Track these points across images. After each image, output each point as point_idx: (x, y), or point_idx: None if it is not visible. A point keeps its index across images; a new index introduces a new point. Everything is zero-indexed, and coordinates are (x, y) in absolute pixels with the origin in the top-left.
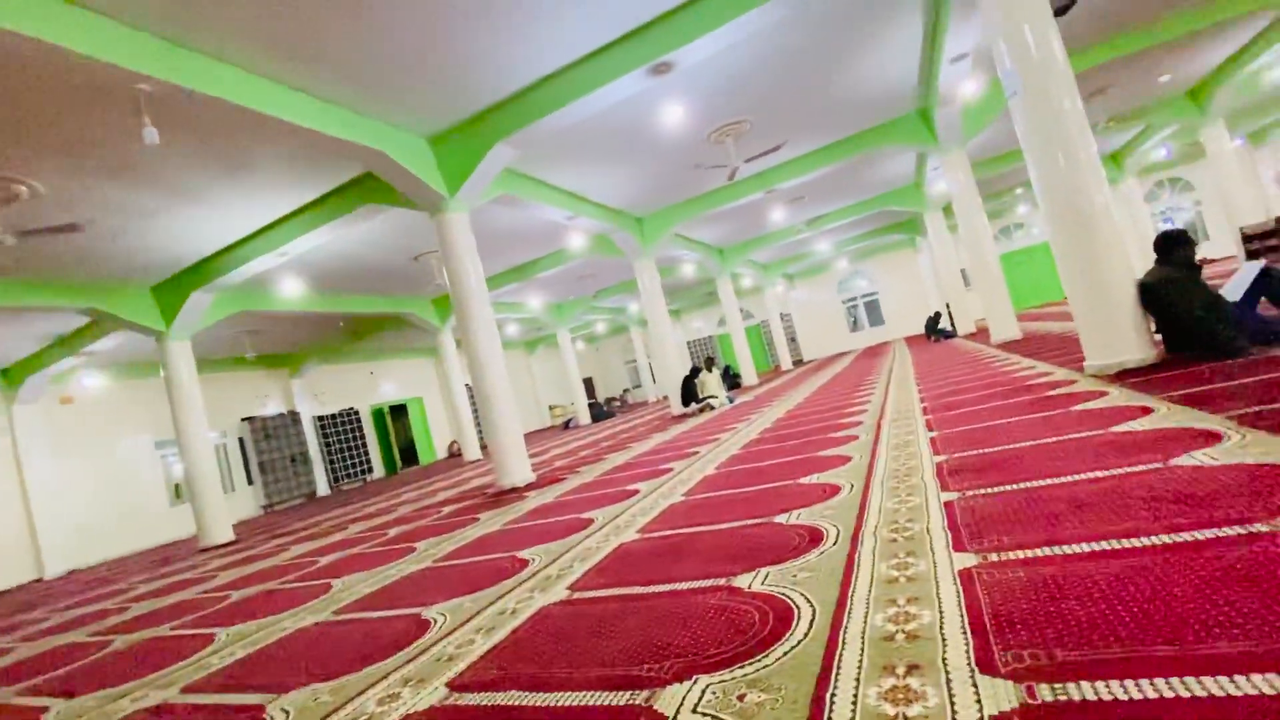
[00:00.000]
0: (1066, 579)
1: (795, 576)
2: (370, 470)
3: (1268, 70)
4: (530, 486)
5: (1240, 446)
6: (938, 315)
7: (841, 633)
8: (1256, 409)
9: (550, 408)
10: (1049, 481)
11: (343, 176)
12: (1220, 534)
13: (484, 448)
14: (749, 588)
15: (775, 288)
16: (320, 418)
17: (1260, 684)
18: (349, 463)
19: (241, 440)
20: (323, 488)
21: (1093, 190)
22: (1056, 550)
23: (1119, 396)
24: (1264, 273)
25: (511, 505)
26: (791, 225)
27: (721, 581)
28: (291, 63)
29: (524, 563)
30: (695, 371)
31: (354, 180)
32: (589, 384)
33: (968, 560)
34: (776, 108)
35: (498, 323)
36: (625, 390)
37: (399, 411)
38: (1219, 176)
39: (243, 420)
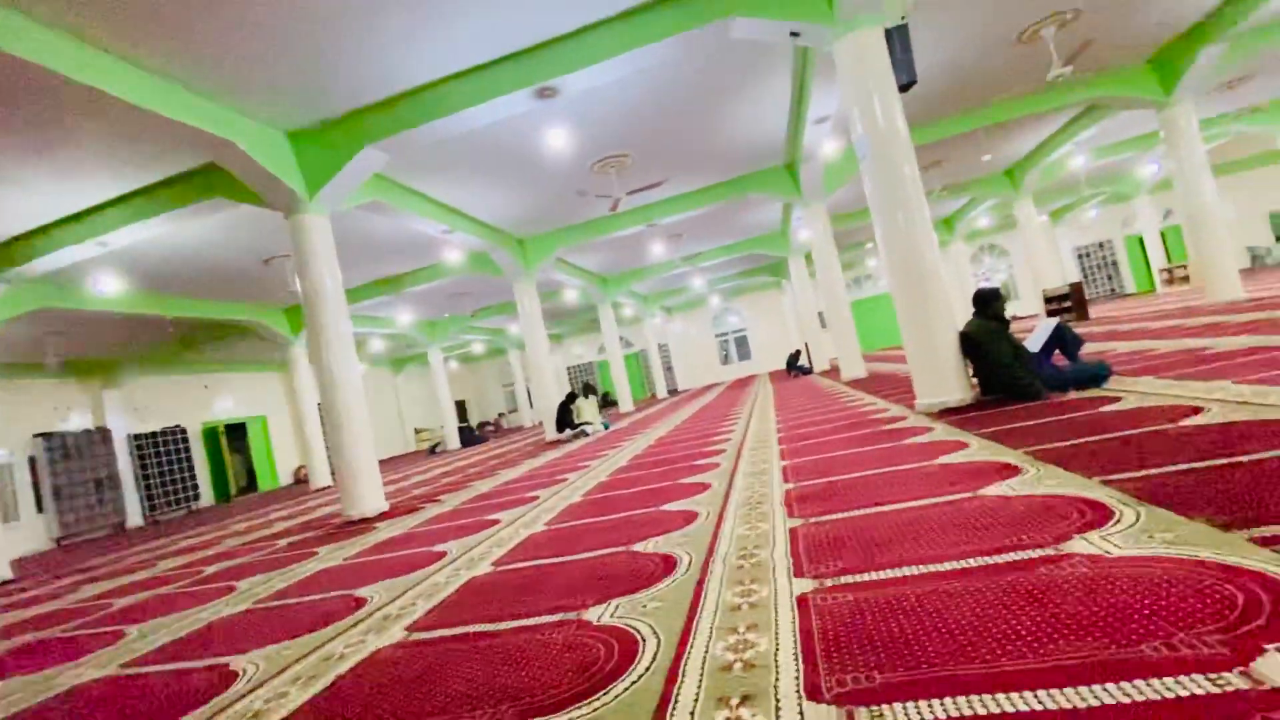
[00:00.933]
0: (888, 602)
1: (645, 607)
2: (197, 497)
3: (1067, 159)
4: (382, 516)
5: (1035, 479)
6: (797, 353)
7: (682, 664)
8: (1048, 446)
9: (416, 431)
10: (880, 508)
11: (182, 164)
12: (1016, 557)
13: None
14: (599, 621)
15: (654, 318)
16: (138, 436)
17: (1044, 699)
18: (171, 489)
19: (32, 460)
20: (135, 517)
21: (925, 249)
22: (882, 574)
23: (941, 432)
24: (1058, 329)
25: (358, 537)
26: (670, 260)
27: (572, 615)
28: (123, 29)
29: (361, 601)
30: (571, 397)
31: (196, 170)
32: (462, 407)
33: (805, 586)
34: (658, 146)
35: (362, 338)
36: (501, 414)
37: (237, 431)
38: (1028, 246)
39: (36, 436)
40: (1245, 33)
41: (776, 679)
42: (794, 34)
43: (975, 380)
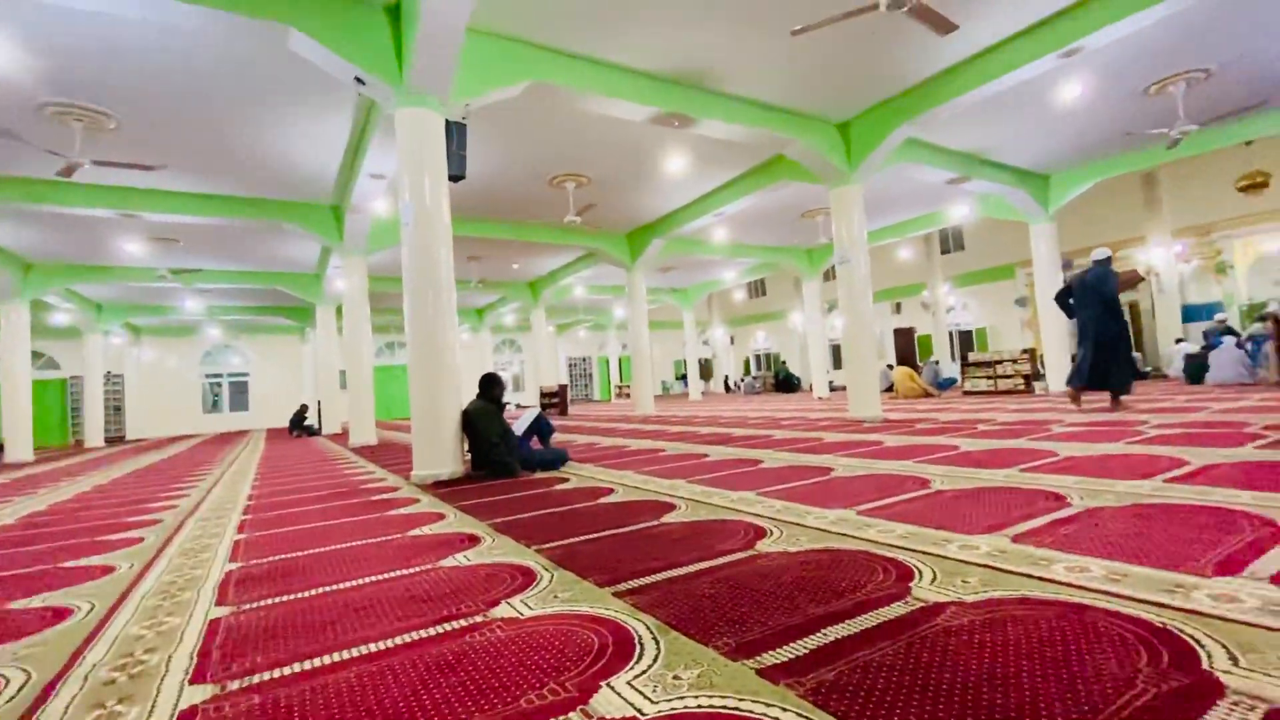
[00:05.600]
0: (302, 698)
1: None
2: None
3: (570, 288)
4: None
5: (489, 549)
6: (305, 410)
7: None
8: (508, 518)
9: None
10: (337, 586)
11: None
12: (451, 627)
13: None
14: None
15: (110, 337)
16: None
17: None
18: None
19: None
20: None
21: (447, 328)
22: (310, 664)
23: (427, 504)
24: (538, 418)
25: None
26: (154, 268)
27: None
28: None
29: None
30: None
31: None
32: None
33: (200, 694)
34: (166, 122)
35: None
36: None
37: None
38: (536, 348)
39: None
40: (673, 239)
41: None
42: (359, 80)
43: (469, 455)
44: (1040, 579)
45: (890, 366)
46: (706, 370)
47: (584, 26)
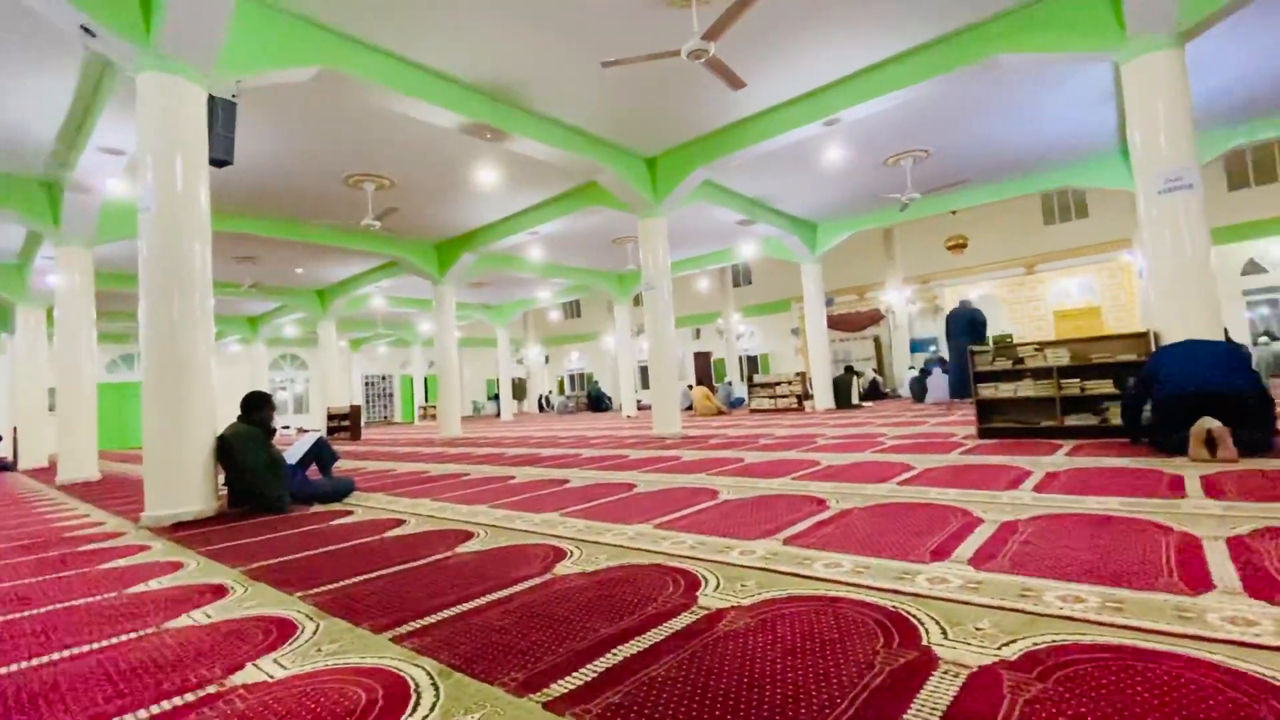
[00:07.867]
0: None
1: None
2: None
3: (370, 298)
4: None
5: (239, 601)
6: None
7: None
8: (270, 561)
9: None
10: (9, 669)
11: None
12: (171, 705)
13: None
14: None
15: None
16: None
17: None
18: None
19: None
20: None
21: (197, 338)
22: None
23: (160, 551)
24: (318, 443)
25: None
26: None
27: None
28: None
29: None
30: None
31: None
32: None
33: None
34: None
35: None
36: None
37: None
38: (325, 365)
39: None
40: (486, 254)
41: None
42: (87, 30)
43: (225, 489)
44: (804, 577)
45: (690, 387)
46: (520, 390)
47: (387, 18)
